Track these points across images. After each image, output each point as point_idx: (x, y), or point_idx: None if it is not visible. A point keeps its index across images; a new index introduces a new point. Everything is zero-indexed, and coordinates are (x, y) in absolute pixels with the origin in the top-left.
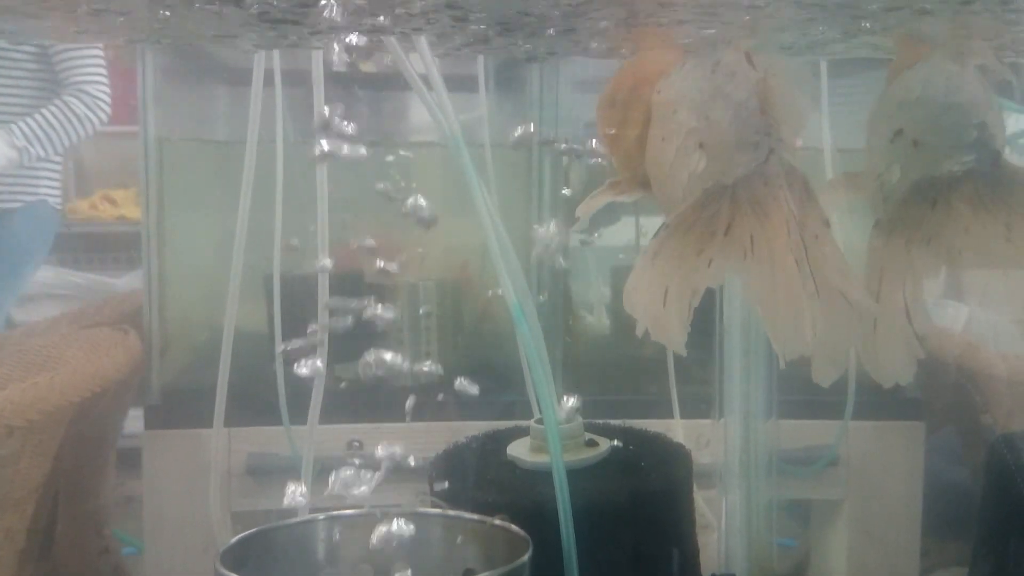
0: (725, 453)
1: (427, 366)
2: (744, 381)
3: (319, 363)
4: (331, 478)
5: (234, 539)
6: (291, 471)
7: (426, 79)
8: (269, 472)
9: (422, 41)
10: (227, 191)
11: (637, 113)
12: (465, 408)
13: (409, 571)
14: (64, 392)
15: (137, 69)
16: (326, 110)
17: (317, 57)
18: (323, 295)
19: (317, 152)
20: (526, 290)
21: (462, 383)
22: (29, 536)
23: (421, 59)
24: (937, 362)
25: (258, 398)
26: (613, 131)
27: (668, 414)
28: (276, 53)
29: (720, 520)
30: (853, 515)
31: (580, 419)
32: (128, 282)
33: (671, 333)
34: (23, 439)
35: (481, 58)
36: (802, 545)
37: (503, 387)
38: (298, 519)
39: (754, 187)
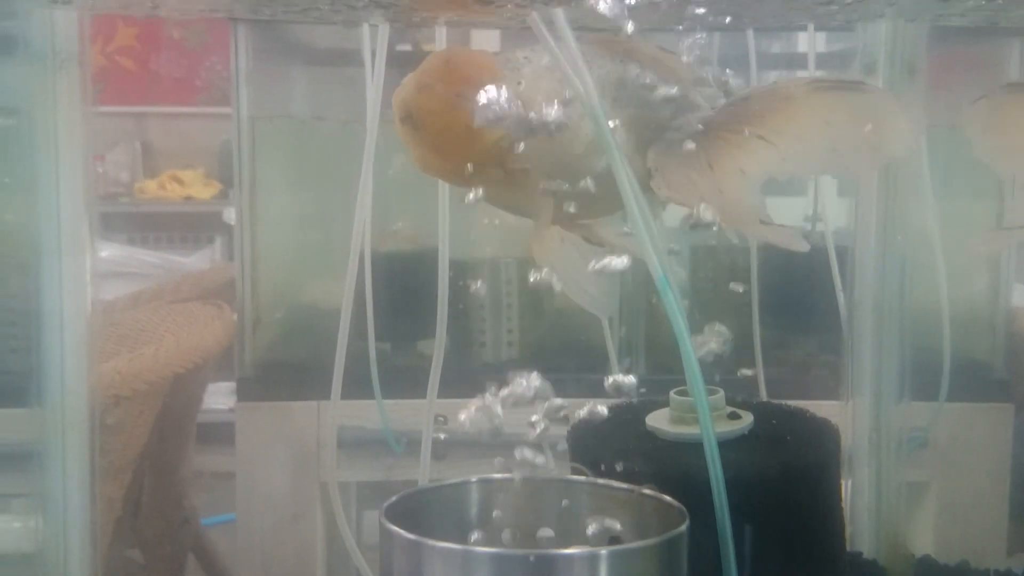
0: (853, 435)
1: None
2: (875, 361)
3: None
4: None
5: (395, 496)
6: (379, 443)
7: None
8: (358, 444)
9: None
10: (313, 169)
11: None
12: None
13: (552, 535)
14: (169, 363)
15: (230, 47)
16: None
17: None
18: (443, 275)
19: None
20: (668, 259)
21: None
22: (124, 505)
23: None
24: (1021, 342)
25: (348, 373)
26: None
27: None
28: (382, 30)
29: (844, 501)
30: (940, 496)
31: (723, 392)
32: (197, 260)
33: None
34: (128, 409)
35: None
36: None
37: (587, 365)
38: (453, 480)
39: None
